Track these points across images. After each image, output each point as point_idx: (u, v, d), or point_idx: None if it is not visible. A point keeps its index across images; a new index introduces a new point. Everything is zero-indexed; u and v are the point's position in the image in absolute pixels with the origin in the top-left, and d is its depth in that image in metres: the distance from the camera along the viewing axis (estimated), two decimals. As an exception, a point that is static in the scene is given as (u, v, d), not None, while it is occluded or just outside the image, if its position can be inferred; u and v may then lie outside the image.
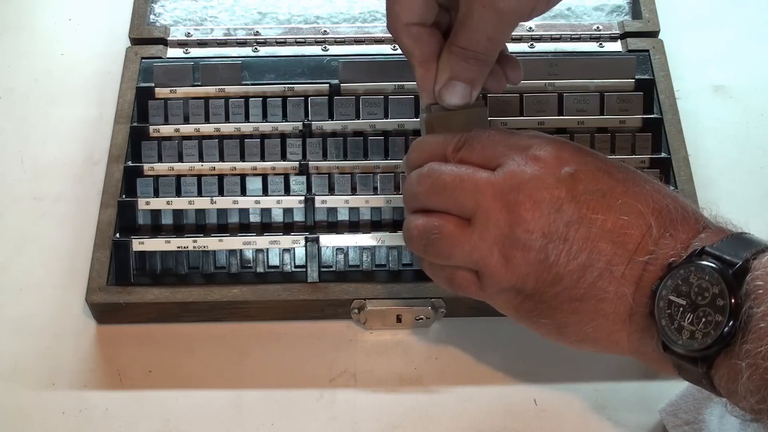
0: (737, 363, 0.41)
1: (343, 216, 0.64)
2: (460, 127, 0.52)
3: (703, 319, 0.43)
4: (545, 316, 0.49)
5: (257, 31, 0.72)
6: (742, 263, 0.43)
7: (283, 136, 0.66)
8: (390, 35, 0.71)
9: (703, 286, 0.43)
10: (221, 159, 0.66)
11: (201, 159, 0.66)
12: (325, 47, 0.71)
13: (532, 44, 0.71)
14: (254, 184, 0.65)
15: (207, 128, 0.67)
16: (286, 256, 0.63)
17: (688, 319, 0.43)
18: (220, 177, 0.65)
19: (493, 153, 0.49)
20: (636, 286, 0.46)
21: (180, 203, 0.64)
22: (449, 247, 0.49)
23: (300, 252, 0.63)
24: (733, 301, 0.42)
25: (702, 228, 0.47)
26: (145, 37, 0.72)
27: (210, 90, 0.68)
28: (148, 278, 0.63)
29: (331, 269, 0.63)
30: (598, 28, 0.72)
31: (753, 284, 0.42)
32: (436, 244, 0.49)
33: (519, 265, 0.47)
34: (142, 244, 0.63)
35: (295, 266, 0.63)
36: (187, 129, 0.67)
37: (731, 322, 0.42)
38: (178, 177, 0.65)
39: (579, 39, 0.72)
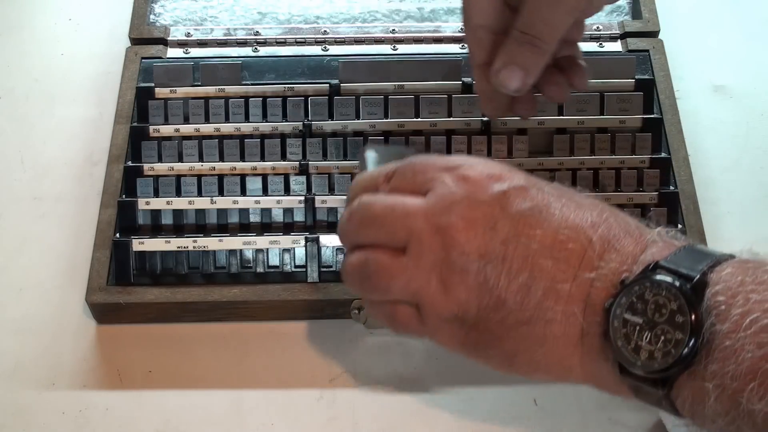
0: (703, 384, 0.40)
1: (343, 216, 0.64)
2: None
3: (662, 338, 0.41)
4: (492, 346, 0.46)
5: (257, 31, 0.72)
6: (699, 276, 0.41)
7: (283, 136, 0.66)
8: (391, 35, 0.72)
9: (660, 302, 0.41)
10: (221, 159, 0.66)
11: (201, 159, 0.66)
12: (325, 47, 0.71)
13: (532, 44, 0.71)
14: (254, 184, 0.65)
15: (207, 128, 0.67)
16: (286, 256, 0.63)
17: (646, 338, 0.41)
18: (220, 177, 0.65)
19: (423, 178, 0.48)
20: (585, 305, 0.44)
21: (180, 203, 0.64)
22: (385, 279, 0.47)
23: (300, 252, 0.63)
24: (693, 317, 0.40)
25: (649, 241, 0.44)
26: (145, 37, 0.72)
27: (210, 90, 0.68)
28: (148, 278, 0.63)
29: (331, 269, 0.63)
30: (598, 28, 0.72)
31: (714, 300, 0.40)
32: (371, 278, 0.47)
33: (458, 291, 0.45)
34: (142, 244, 0.63)
35: (295, 266, 0.63)
36: (187, 129, 0.67)
37: (692, 340, 0.40)
38: (178, 177, 0.65)
39: (579, 39, 0.72)
